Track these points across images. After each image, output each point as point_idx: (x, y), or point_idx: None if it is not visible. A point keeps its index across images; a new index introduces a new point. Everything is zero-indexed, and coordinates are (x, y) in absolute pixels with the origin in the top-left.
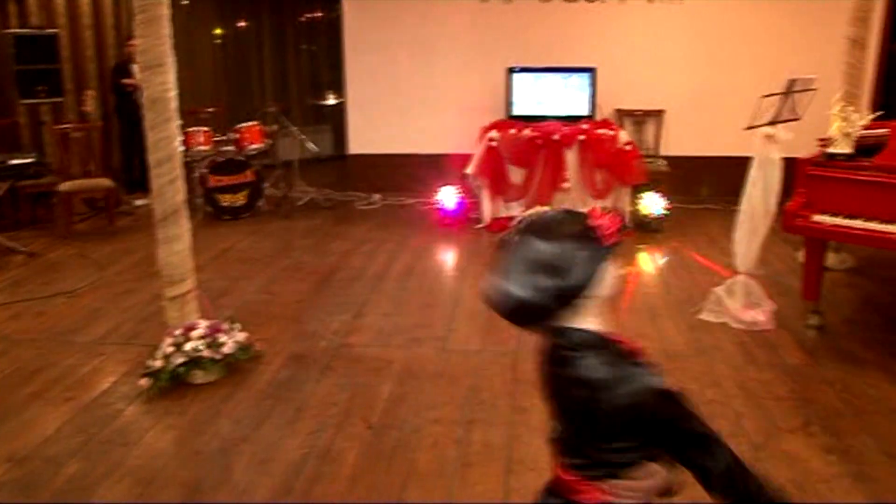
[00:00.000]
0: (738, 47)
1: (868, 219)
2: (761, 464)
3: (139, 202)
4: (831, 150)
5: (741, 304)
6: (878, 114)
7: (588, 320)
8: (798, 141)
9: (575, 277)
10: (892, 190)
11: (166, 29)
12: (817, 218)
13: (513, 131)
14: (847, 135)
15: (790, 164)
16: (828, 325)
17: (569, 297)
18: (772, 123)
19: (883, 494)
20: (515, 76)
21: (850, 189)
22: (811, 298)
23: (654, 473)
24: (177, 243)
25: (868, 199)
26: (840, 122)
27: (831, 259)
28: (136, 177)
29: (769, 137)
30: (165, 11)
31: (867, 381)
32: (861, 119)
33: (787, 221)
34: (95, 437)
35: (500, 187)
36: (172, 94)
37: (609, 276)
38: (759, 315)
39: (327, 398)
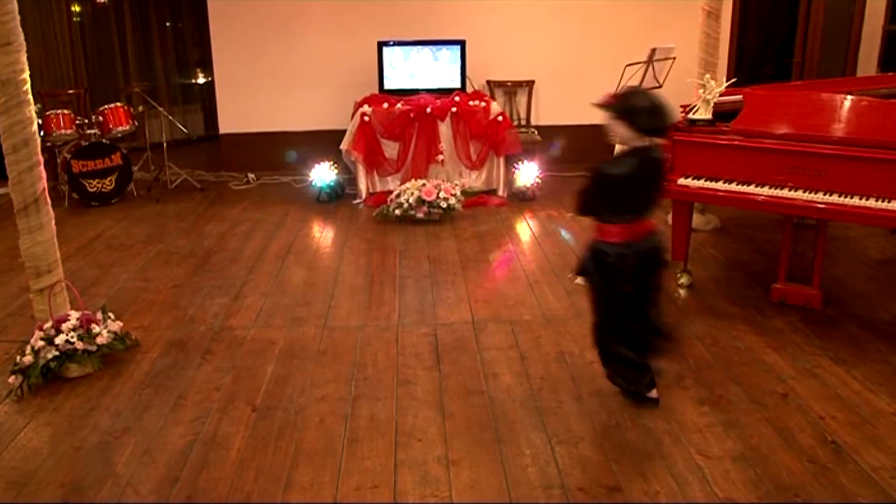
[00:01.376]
0: (604, 18)
1: (728, 180)
2: (640, 419)
3: None
4: (692, 116)
5: None
6: (733, 80)
7: None
8: None
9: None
10: (749, 153)
11: (12, 4)
12: (682, 181)
13: (385, 105)
14: (706, 101)
15: None
16: (696, 283)
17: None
18: None
19: (750, 437)
20: (386, 50)
21: (711, 153)
22: (680, 259)
23: None
24: (40, 233)
25: (728, 162)
26: (700, 90)
27: (697, 220)
28: None
29: None
30: None
31: (733, 335)
32: (718, 86)
33: None
34: None
35: (374, 162)
36: (25, 75)
37: None
38: None
39: (209, 383)
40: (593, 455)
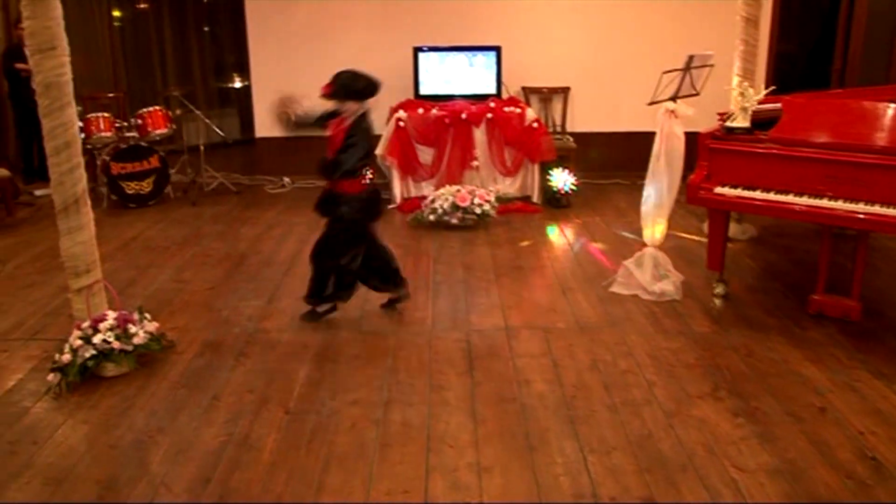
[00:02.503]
0: (641, 24)
1: (766, 189)
2: (674, 430)
3: (39, 192)
4: (730, 124)
5: (650, 276)
6: (772, 88)
7: None
8: (699, 116)
9: None
10: (788, 161)
11: (57, 10)
12: (719, 190)
13: (421, 111)
14: (744, 109)
15: (692, 138)
16: (732, 293)
17: None
18: (673, 98)
19: (786, 451)
20: (422, 55)
21: (748, 161)
22: (716, 268)
23: None
24: (80, 233)
25: (766, 171)
26: (738, 97)
27: (734, 229)
28: (35, 166)
29: (671, 112)
30: None
31: (769, 346)
32: (757, 94)
33: (690, 194)
34: (2, 437)
35: (409, 167)
36: (68, 78)
37: None
38: (668, 286)
39: (243, 385)
40: (626, 465)
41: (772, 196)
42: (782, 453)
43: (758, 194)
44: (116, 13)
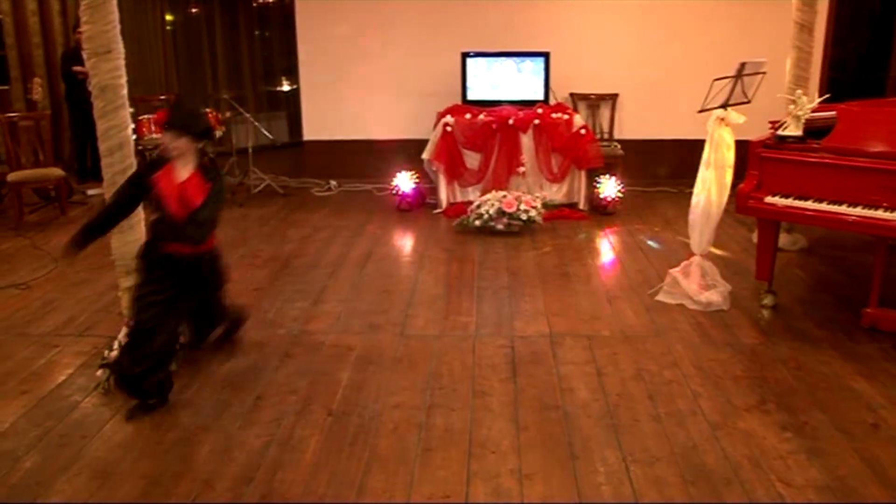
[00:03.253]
0: (691, 31)
1: (818, 200)
2: (719, 442)
3: (92, 191)
4: (782, 132)
5: (697, 286)
6: (826, 96)
7: None
8: (750, 123)
9: None
10: (841, 171)
11: (114, 14)
12: (769, 199)
13: (468, 116)
14: (797, 117)
15: (742, 147)
16: (781, 304)
17: None
18: (723, 106)
19: (836, 468)
20: (470, 61)
21: (800, 170)
22: (765, 279)
23: None
24: (130, 233)
25: (818, 181)
26: (791, 105)
27: (784, 240)
28: (88, 166)
29: (721, 120)
30: None
31: (819, 359)
32: (810, 102)
33: (740, 203)
34: (52, 431)
35: (456, 172)
36: (122, 81)
37: None
38: (715, 296)
39: (287, 386)
40: (669, 476)
41: (824, 206)
42: (832, 470)
43: (810, 204)
44: (169, 17)
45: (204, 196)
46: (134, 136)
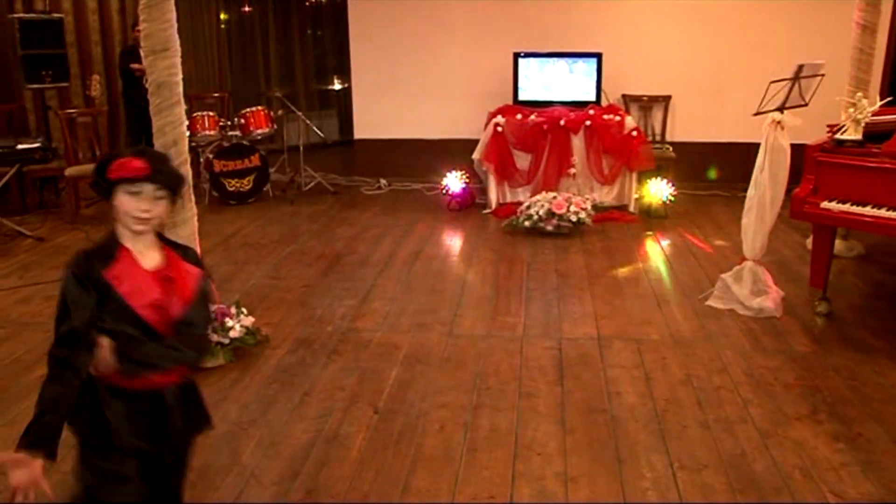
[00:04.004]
0: (746, 32)
1: (877, 206)
2: (769, 451)
3: None
4: (840, 136)
5: (748, 291)
6: (888, 100)
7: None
8: (806, 127)
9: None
10: None
11: (172, 13)
12: (826, 204)
13: (519, 116)
14: (856, 121)
15: (798, 150)
16: (836, 312)
17: None
18: (780, 109)
19: (892, 482)
20: (522, 61)
21: (859, 176)
22: (819, 285)
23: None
24: (183, 228)
25: (877, 186)
26: (850, 109)
27: (839, 246)
28: None
29: (777, 123)
30: None
31: (875, 369)
32: (871, 105)
33: (795, 208)
34: None
35: (506, 172)
36: (178, 78)
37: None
38: (767, 302)
39: (334, 382)
40: (717, 484)
41: (883, 213)
42: (888, 483)
43: (868, 210)
44: (223, 16)
45: (195, 285)
46: (188, 133)
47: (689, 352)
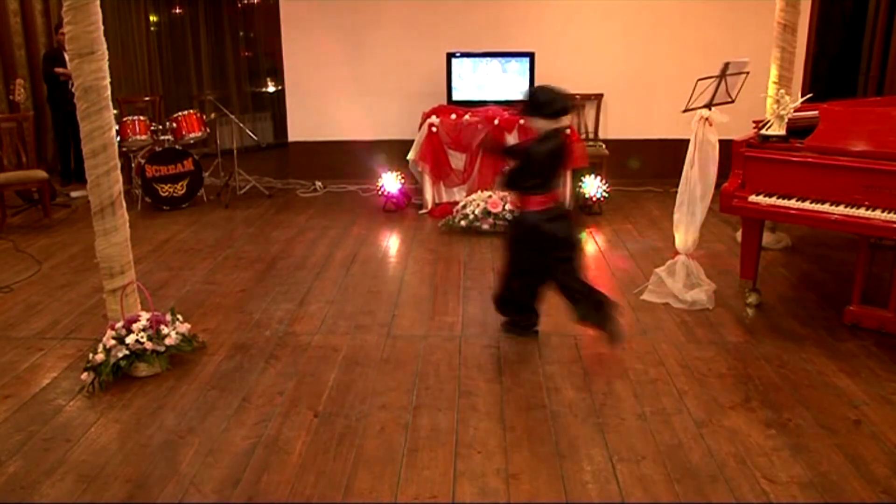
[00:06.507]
0: (674, 31)
1: (802, 199)
2: (704, 440)
3: (76, 194)
4: (765, 132)
5: (682, 285)
6: (809, 96)
7: None
8: (733, 123)
9: None
10: (824, 170)
11: (97, 15)
12: (753, 198)
13: (453, 116)
14: (780, 117)
15: (726, 146)
16: (765, 303)
17: None
18: (707, 106)
19: (819, 464)
20: (455, 61)
21: (784, 170)
22: (749, 277)
23: None
24: (115, 235)
25: (801, 180)
26: (774, 105)
27: (768, 238)
28: (72, 168)
29: (705, 120)
30: None
31: (803, 357)
32: (793, 102)
33: (724, 202)
34: (36, 435)
35: (441, 172)
36: (106, 82)
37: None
38: (700, 294)
39: (273, 387)
40: (655, 474)
41: (807, 205)
42: (815, 466)
43: (793, 203)
44: (153, 17)
45: None
46: (118, 138)
47: (625, 346)
